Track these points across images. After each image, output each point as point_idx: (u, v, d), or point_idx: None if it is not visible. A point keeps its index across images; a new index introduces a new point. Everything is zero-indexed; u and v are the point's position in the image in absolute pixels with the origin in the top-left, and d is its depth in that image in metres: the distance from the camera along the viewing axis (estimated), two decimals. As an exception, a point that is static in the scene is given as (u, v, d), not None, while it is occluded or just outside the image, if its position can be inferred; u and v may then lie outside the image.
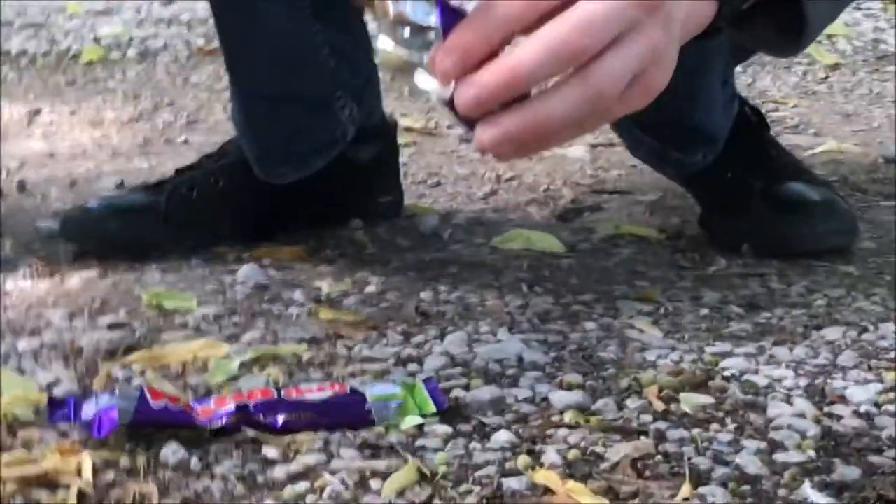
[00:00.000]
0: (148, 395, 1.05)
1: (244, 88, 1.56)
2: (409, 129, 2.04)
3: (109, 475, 1.00)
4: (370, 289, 1.43)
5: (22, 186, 1.81)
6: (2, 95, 2.32)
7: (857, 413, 1.09)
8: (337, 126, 1.55)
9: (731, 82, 1.59)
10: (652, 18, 0.73)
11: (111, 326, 1.31)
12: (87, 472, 0.99)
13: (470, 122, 0.70)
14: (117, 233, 1.51)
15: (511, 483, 0.99)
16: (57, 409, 1.08)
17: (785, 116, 2.10)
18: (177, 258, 1.50)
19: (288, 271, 1.49)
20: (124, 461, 1.02)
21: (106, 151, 2.00)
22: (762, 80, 2.32)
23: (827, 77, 2.37)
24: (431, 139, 2.04)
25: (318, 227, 1.61)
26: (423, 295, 1.40)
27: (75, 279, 1.46)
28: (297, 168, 1.55)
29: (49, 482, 0.99)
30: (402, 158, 1.76)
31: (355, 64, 1.55)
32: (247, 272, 1.46)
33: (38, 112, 2.22)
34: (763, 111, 1.66)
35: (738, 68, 1.89)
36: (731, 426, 1.07)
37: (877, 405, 1.10)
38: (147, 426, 1.05)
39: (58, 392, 1.15)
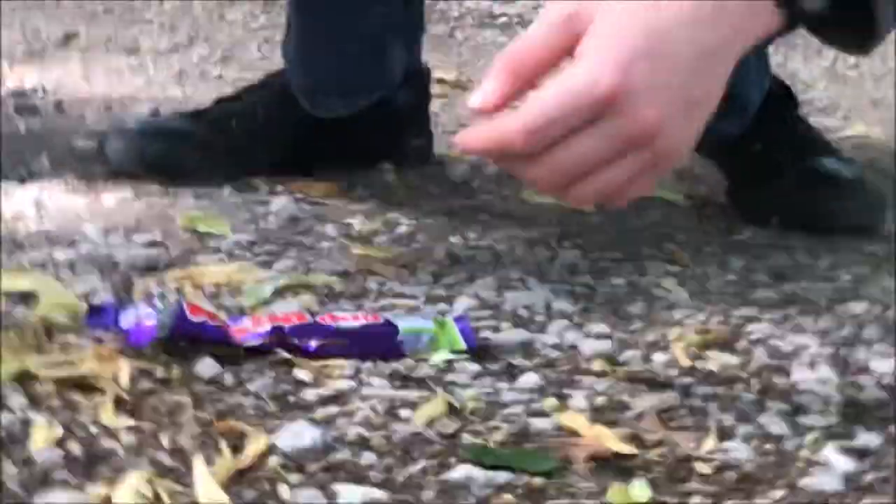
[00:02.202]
0: (187, 310, 1.07)
1: (305, 20, 1.58)
2: (441, 81, 2.06)
3: (145, 384, 1.02)
4: (401, 230, 1.44)
5: (58, 106, 1.82)
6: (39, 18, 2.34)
7: (880, 384, 1.10)
8: (388, 68, 1.58)
9: (765, 53, 1.60)
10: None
11: (147, 244, 1.33)
12: (125, 379, 1.01)
13: None
14: (156, 155, 1.52)
15: (538, 423, 1.00)
16: (95, 316, 1.09)
17: (814, 98, 2.11)
18: (211, 185, 1.52)
19: (320, 206, 1.50)
20: (160, 371, 1.04)
21: (141, 79, 2.02)
22: (793, 62, 2.34)
23: (857, 63, 2.38)
24: (463, 92, 2.06)
25: (350, 166, 1.63)
26: (452, 239, 1.42)
27: (110, 197, 1.47)
28: (345, 104, 1.57)
29: (85, 386, 1.01)
30: (434, 108, 1.78)
31: (410, 9, 1.57)
32: (280, 203, 1.48)
33: (74, 35, 2.23)
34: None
35: (770, 49, 1.90)
36: (756, 387, 1.09)
37: (899, 378, 1.12)
38: (184, 339, 1.06)
39: (94, 302, 1.16)
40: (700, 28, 0.85)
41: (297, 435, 0.95)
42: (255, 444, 0.93)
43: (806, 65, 2.33)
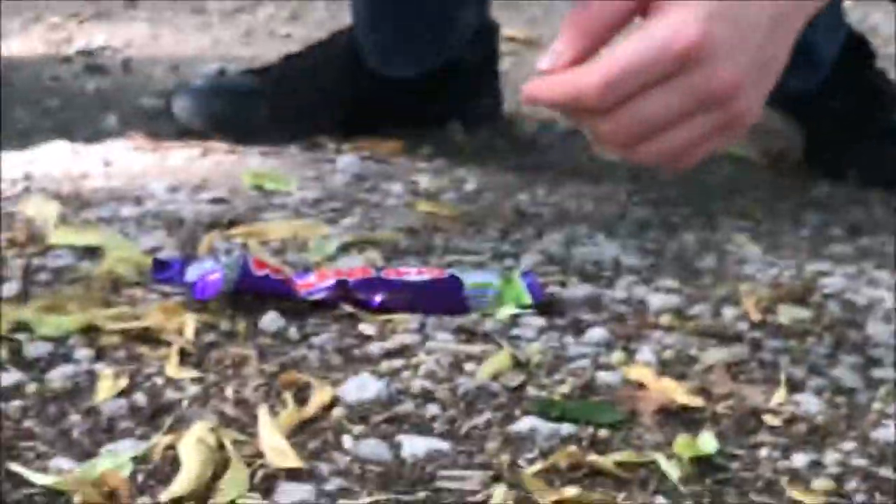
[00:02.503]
0: (251, 264, 1.07)
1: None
2: (511, 39, 2.04)
3: (210, 336, 1.02)
4: (468, 187, 1.43)
5: (126, 65, 1.82)
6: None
7: (956, 338, 1.08)
8: (456, 26, 1.56)
9: (838, 4, 1.57)
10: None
11: (212, 201, 1.33)
12: (189, 332, 1.01)
13: None
14: (222, 113, 1.52)
15: (604, 376, 0.99)
16: (161, 270, 1.09)
17: (894, 53, 2.06)
18: (278, 143, 1.52)
19: (386, 164, 1.49)
20: (224, 325, 1.03)
21: (208, 39, 2.02)
22: (874, 17, 2.29)
23: (939, 17, 2.33)
24: (533, 49, 2.03)
25: (417, 125, 1.61)
26: (520, 196, 1.40)
27: (177, 155, 1.47)
28: (413, 63, 1.56)
29: (151, 339, 1.01)
30: (504, 67, 1.76)
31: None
32: (346, 161, 1.47)
33: (142, -5, 2.24)
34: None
35: (849, 3, 1.86)
36: (829, 340, 1.07)
37: (977, 333, 1.09)
38: (248, 293, 1.06)
39: (160, 256, 1.16)
40: None
41: (362, 387, 0.94)
42: (319, 396, 0.93)
43: (886, 19, 2.28)
